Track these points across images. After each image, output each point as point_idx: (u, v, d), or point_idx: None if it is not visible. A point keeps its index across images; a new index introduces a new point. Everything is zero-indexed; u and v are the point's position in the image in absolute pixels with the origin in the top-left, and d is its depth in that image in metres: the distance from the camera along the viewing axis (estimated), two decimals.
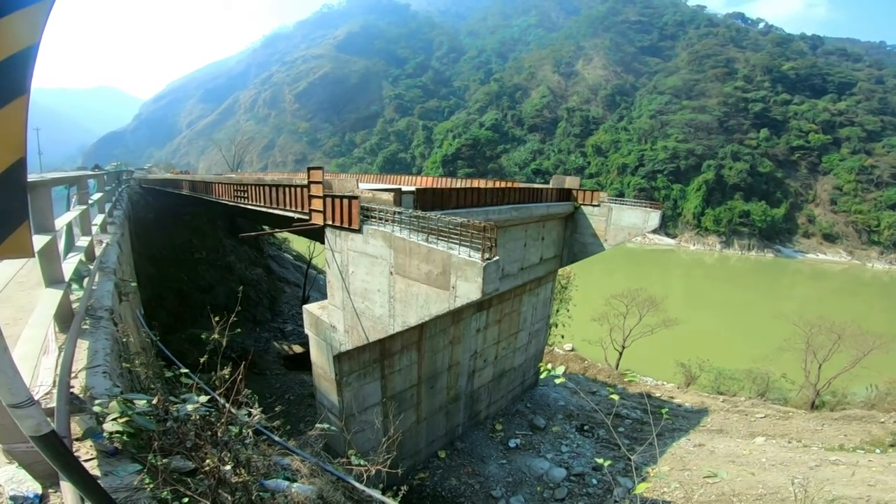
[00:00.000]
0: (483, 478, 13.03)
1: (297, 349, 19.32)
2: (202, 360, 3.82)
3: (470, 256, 6.48)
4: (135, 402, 2.81)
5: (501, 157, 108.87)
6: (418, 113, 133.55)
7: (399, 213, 7.77)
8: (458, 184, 18.28)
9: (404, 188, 9.73)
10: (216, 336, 3.84)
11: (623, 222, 15.15)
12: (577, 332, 26.94)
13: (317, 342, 10.62)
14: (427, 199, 9.84)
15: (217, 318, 3.95)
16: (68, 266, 4.00)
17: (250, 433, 3.44)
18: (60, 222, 4.20)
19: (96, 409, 2.64)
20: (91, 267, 5.10)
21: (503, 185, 15.27)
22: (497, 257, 6.48)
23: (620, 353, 25.41)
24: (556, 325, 25.09)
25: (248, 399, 3.71)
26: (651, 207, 14.90)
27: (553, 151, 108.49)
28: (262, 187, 11.71)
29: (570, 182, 16.62)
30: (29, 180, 1.67)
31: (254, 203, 12.05)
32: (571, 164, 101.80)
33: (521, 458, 14.09)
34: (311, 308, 10.66)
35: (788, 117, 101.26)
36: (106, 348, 3.63)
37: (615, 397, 4.09)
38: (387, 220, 7.91)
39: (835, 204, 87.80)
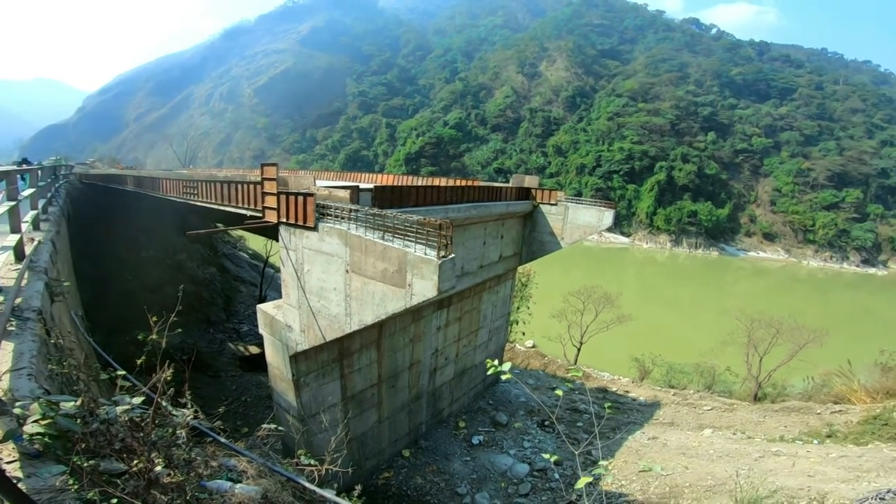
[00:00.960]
0: (448, 475, 13.07)
1: (254, 350, 18.75)
2: (139, 361, 3.67)
3: (426, 254, 6.47)
4: (60, 404, 2.72)
5: (464, 156, 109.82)
6: (382, 110, 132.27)
7: (356, 210, 7.70)
8: (420, 182, 18.28)
9: (362, 185, 9.68)
10: (154, 336, 3.69)
11: (579, 221, 15.60)
12: (538, 329, 27.34)
13: (272, 342, 10.35)
14: (385, 197, 9.81)
15: (154, 318, 3.78)
16: None
17: (184, 433, 3.35)
18: None
19: (16, 411, 2.56)
20: (20, 266, 4.81)
21: (464, 183, 15.41)
22: (453, 255, 6.48)
23: (578, 349, 25.93)
24: (517, 323, 25.47)
25: (188, 401, 3.61)
26: (605, 207, 15.40)
27: (515, 151, 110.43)
28: (213, 184, 11.29)
29: (530, 181, 16.96)
30: None
31: (204, 200, 11.60)
32: (533, 164, 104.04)
33: (484, 454, 14.20)
34: (265, 307, 10.38)
35: (734, 121, 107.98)
36: (32, 350, 3.45)
37: (559, 392, 4.22)
38: (343, 218, 7.83)
39: (774, 205, 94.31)
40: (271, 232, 9.45)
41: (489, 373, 3.78)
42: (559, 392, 4.42)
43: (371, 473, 12.79)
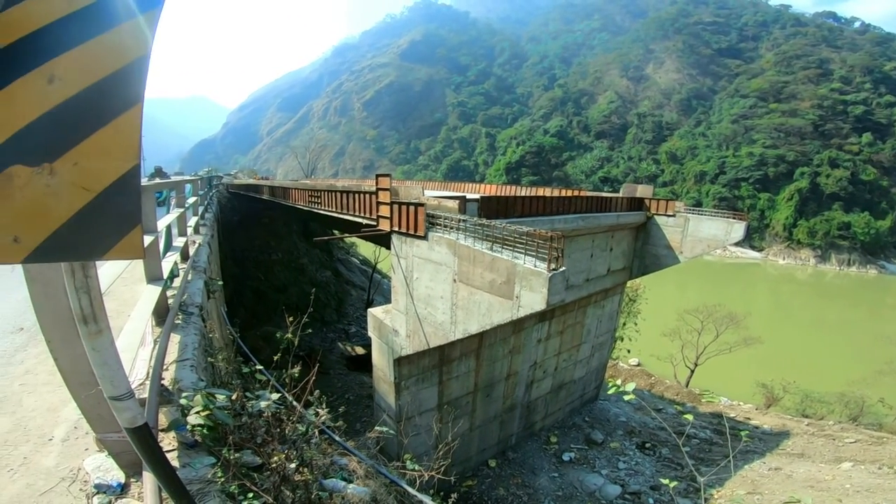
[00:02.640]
0: (532, 490, 12.72)
1: (360, 351, 19.92)
2: (275, 357, 4.08)
3: (535, 266, 6.33)
4: (216, 396, 2.98)
5: (567, 165, 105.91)
6: (481, 120, 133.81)
7: (464, 220, 7.79)
8: (523, 192, 18.08)
9: (469, 196, 9.76)
10: (289, 336, 4.02)
11: (702, 234, 14.23)
12: (645, 347, 25.76)
13: (379, 345, 10.89)
14: (491, 207, 9.78)
15: (291, 319, 4.16)
16: (166, 265, 4.38)
17: (316, 433, 3.56)
18: (162, 224, 4.61)
19: (182, 401, 2.78)
20: (185, 266, 5.59)
21: (570, 193, 14.88)
22: (563, 268, 6.28)
23: (692, 371, 24.05)
24: (622, 339, 24.21)
25: (317, 400, 3.84)
26: (734, 218, 13.85)
27: (622, 159, 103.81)
28: (333, 193, 12.28)
29: (643, 191, 15.89)
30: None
31: (326, 208, 12.67)
32: (643, 172, 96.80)
33: (573, 472, 13.64)
34: (375, 312, 10.96)
35: (894, 120, 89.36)
36: (194, 343, 3.91)
37: (689, 417, 3.77)
38: (452, 228, 7.95)
39: None
40: (384, 240, 9.96)
41: (609, 391, 3.49)
42: (688, 416, 3.94)
43: (456, 480, 12.83)
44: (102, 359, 1.59)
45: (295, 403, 4.37)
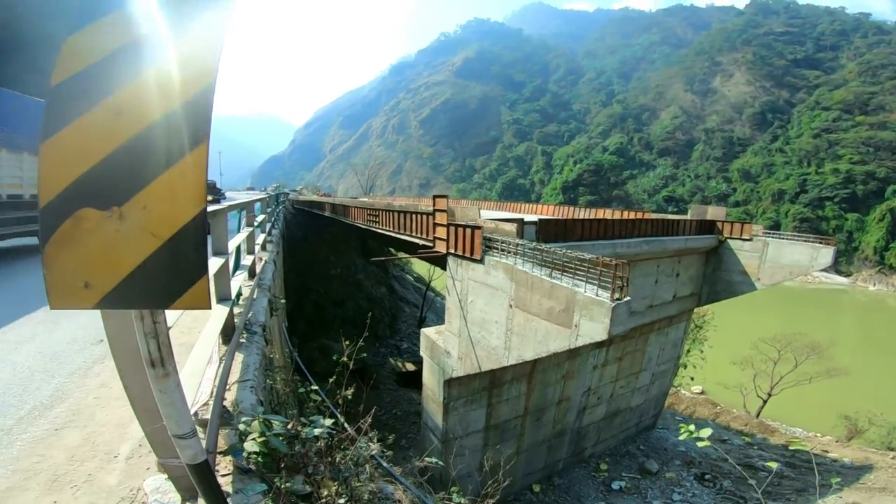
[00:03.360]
0: None
1: (410, 367, 19.97)
2: (331, 380, 4.09)
3: (597, 295, 6.02)
4: (273, 423, 2.98)
5: (627, 184, 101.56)
6: (537, 138, 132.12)
7: (521, 245, 7.59)
8: (582, 213, 17.58)
9: (527, 218, 9.54)
10: (345, 359, 4.03)
11: (783, 259, 13.14)
12: (710, 375, 24.47)
13: (430, 365, 10.85)
14: (550, 231, 9.50)
15: (347, 342, 4.17)
16: (234, 284, 4.49)
17: (367, 468, 3.46)
18: (232, 244, 4.75)
19: (241, 426, 2.81)
20: (252, 283, 5.76)
21: (632, 215, 14.20)
22: (628, 298, 5.95)
23: (765, 401, 22.59)
24: (686, 366, 23.00)
25: (370, 430, 3.76)
26: (821, 242, 12.66)
27: (688, 177, 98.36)
28: (391, 213, 12.53)
29: (714, 213, 14.90)
30: (209, 209, 1.75)
31: (383, 227, 12.96)
32: (712, 191, 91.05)
33: (623, 501, 12.98)
34: (428, 332, 10.95)
35: None
36: (256, 363, 3.97)
37: (781, 461, 3.30)
38: (509, 252, 7.77)
39: None
40: (439, 261, 9.94)
41: (682, 437, 3.18)
42: (782, 461, 3.42)
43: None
44: (169, 399, 1.61)
45: (348, 427, 4.34)
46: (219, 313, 3.61)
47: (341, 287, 23.74)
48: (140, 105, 1.19)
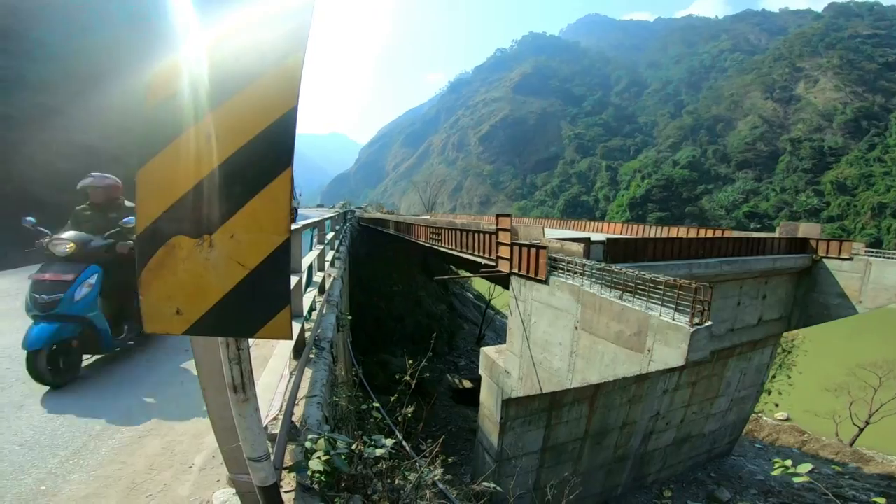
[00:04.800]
0: None
1: (467, 384, 19.83)
2: (392, 398, 4.15)
3: (674, 319, 5.59)
4: (337, 441, 3.00)
5: (702, 199, 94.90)
6: (600, 153, 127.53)
7: (588, 265, 7.27)
8: (653, 231, 16.65)
9: (594, 237, 9.15)
10: (408, 378, 4.05)
11: (889, 280, 11.66)
12: (798, 402, 22.75)
13: (488, 384, 10.68)
14: (619, 250, 9.03)
15: (410, 361, 4.17)
16: (306, 300, 4.66)
17: (428, 493, 3.37)
18: (306, 262, 4.96)
19: (307, 444, 2.86)
20: (321, 299, 5.97)
21: (710, 233, 13.19)
22: (709, 323, 5.49)
23: (861, 429, 20.83)
24: (770, 392, 21.33)
25: (434, 458, 3.68)
26: None
27: (773, 190, 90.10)
28: (453, 231, 12.60)
29: (806, 230, 13.53)
30: None
31: (446, 246, 13.05)
32: (801, 206, 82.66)
33: None
34: (487, 351, 10.80)
35: None
36: (322, 379, 4.05)
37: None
38: (575, 273, 7.47)
39: None
40: (502, 280, 9.79)
41: (775, 472, 2.83)
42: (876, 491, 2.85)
43: None
44: (246, 423, 1.66)
45: (406, 447, 4.30)
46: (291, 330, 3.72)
47: (402, 303, 24.16)
48: (228, 130, 1.19)
